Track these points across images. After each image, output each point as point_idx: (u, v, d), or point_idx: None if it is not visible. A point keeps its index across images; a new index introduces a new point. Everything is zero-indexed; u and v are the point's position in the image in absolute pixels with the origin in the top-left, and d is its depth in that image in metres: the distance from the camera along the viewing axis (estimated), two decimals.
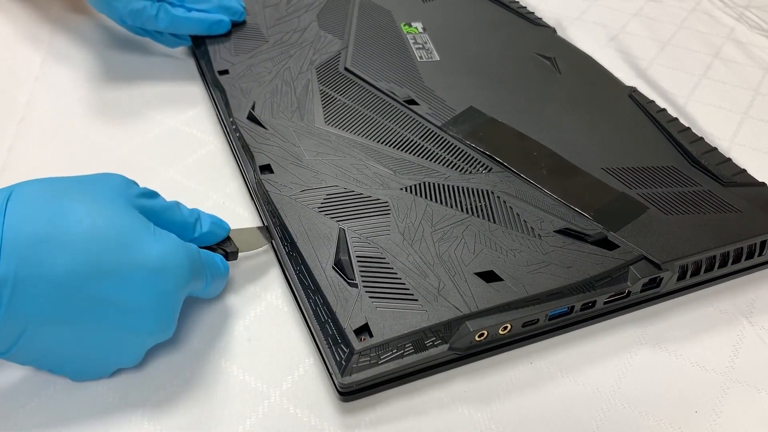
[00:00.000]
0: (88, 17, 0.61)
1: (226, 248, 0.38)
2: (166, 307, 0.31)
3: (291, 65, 0.51)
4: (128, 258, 0.30)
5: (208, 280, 0.35)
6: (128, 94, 0.53)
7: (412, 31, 0.57)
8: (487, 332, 0.34)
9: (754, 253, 0.40)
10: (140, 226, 0.31)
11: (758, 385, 0.36)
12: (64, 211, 0.29)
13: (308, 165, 0.42)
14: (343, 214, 0.39)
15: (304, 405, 0.34)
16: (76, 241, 0.29)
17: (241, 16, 0.56)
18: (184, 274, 0.32)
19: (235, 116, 0.46)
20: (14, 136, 0.48)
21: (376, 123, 0.46)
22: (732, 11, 0.70)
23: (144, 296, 0.30)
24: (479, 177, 0.42)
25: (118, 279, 0.29)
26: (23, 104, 0.51)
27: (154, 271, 0.30)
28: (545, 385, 0.35)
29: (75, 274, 0.28)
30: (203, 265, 0.34)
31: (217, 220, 0.38)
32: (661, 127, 0.48)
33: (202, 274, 0.34)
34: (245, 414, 0.33)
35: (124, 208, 0.31)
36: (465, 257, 0.37)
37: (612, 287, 0.37)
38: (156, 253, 0.31)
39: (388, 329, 0.33)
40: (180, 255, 0.32)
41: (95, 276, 0.29)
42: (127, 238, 0.30)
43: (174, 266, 0.31)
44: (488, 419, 0.34)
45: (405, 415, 0.33)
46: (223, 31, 0.54)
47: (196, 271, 0.33)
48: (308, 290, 0.35)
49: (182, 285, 0.32)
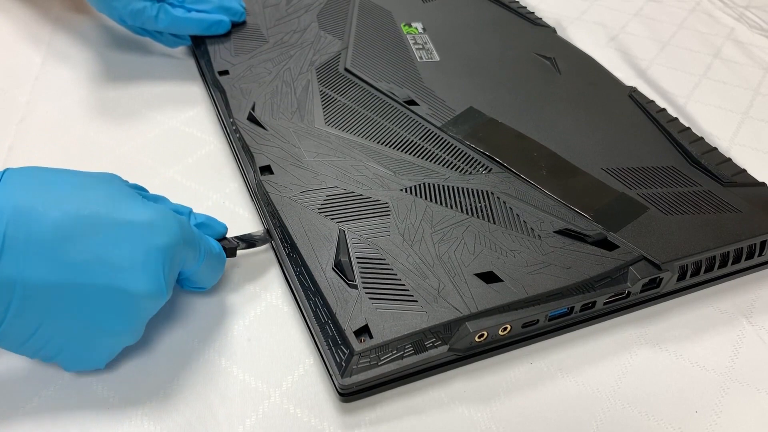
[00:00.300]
0: (88, 17, 0.61)
1: (223, 244, 0.38)
2: (156, 264, 0.31)
3: (291, 66, 0.51)
4: (116, 214, 0.30)
5: (201, 253, 0.34)
6: (128, 94, 0.53)
7: (412, 31, 0.57)
8: (486, 333, 0.34)
9: (754, 253, 0.40)
10: (130, 193, 0.32)
11: (758, 385, 0.36)
12: (54, 178, 0.30)
13: (308, 166, 0.42)
14: (343, 215, 0.39)
15: (304, 405, 0.34)
16: (65, 199, 0.29)
17: (241, 16, 0.56)
18: (173, 233, 0.32)
19: (236, 117, 0.46)
20: (14, 136, 0.48)
21: (376, 124, 0.46)
22: (732, 11, 0.70)
23: (133, 251, 0.30)
24: (479, 178, 0.42)
25: (106, 234, 0.30)
26: (23, 104, 0.52)
27: (143, 226, 0.31)
28: (545, 385, 0.35)
29: (63, 229, 0.29)
30: (195, 237, 0.34)
31: (213, 218, 0.38)
32: (661, 127, 0.48)
33: (194, 244, 0.34)
34: (245, 414, 0.33)
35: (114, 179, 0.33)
36: (465, 258, 0.37)
37: (612, 288, 0.37)
38: (145, 212, 0.31)
39: (388, 330, 0.33)
40: (169, 217, 0.32)
41: (84, 232, 0.29)
42: (116, 198, 0.31)
43: (163, 225, 0.31)
44: (488, 419, 0.34)
45: (404, 415, 0.33)
46: (222, 31, 0.54)
47: (188, 238, 0.33)
48: (308, 291, 0.35)
49: (172, 244, 0.31)
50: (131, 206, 0.31)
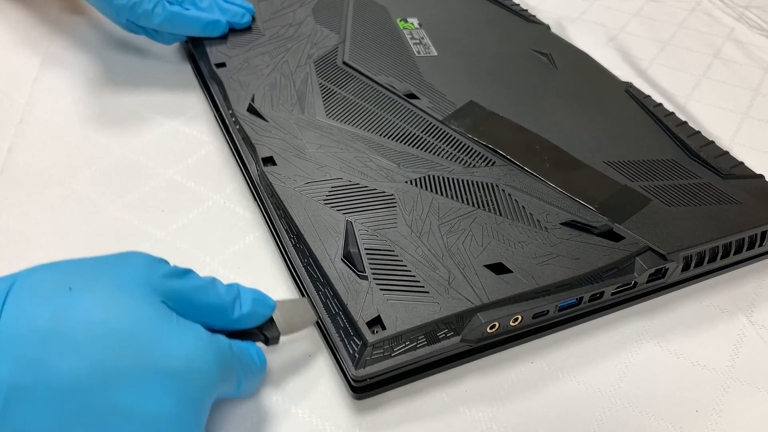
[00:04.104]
0: (86, 19, 0.60)
1: (266, 333, 0.32)
2: (188, 416, 0.26)
3: (289, 59, 0.51)
4: (144, 360, 0.25)
5: (240, 381, 0.30)
6: (127, 95, 0.52)
7: (408, 26, 0.57)
8: (498, 324, 0.34)
9: (755, 243, 0.41)
10: (161, 319, 0.27)
11: (759, 384, 0.36)
12: (71, 305, 0.25)
13: (311, 157, 0.41)
14: (349, 206, 0.38)
15: (314, 405, 0.33)
16: (84, 340, 0.25)
17: (243, 17, 0.53)
18: (210, 378, 0.27)
19: (235, 108, 0.45)
20: (13, 138, 0.47)
21: (378, 116, 0.46)
22: (732, 11, 0.70)
23: (163, 405, 0.25)
24: (483, 170, 0.42)
25: (133, 385, 0.25)
26: (22, 105, 0.50)
27: (175, 376, 0.26)
28: (546, 384, 0.35)
29: (82, 379, 0.24)
30: (235, 364, 0.29)
31: (260, 295, 0.32)
32: (658, 121, 0.48)
33: (233, 374, 0.29)
34: (246, 416, 0.32)
35: (143, 298, 0.27)
36: (473, 249, 0.36)
37: (619, 278, 0.37)
38: (178, 353, 0.26)
39: (401, 321, 0.32)
40: (207, 354, 0.27)
41: (106, 382, 0.24)
42: (144, 336, 0.26)
43: (199, 369, 0.27)
44: (489, 419, 0.33)
45: (407, 415, 0.33)
46: (218, 33, 0.52)
47: (226, 372, 0.28)
48: (317, 283, 0.35)
49: (208, 391, 0.27)
50: (162, 343, 0.26)
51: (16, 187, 0.43)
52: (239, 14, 0.53)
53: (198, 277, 0.30)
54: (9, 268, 0.32)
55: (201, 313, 0.29)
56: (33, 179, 0.44)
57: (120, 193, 0.44)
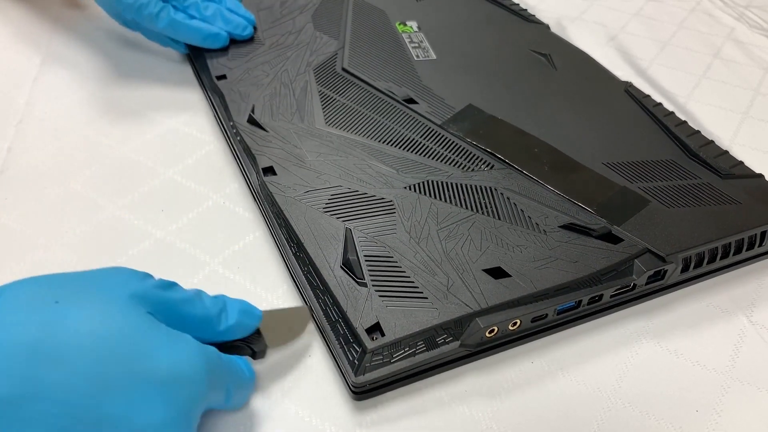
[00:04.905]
0: (87, 18, 0.61)
1: (253, 346, 0.32)
2: (179, 423, 0.27)
3: (288, 67, 0.51)
4: (134, 369, 0.26)
5: (230, 391, 0.30)
6: (127, 95, 0.52)
7: (407, 30, 0.57)
8: (497, 328, 0.34)
9: (755, 243, 0.40)
10: (148, 328, 0.27)
11: (759, 384, 0.36)
12: (58, 318, 0.25)
13: (311, 166, 0.42)
14: (349, 213, 0.39)
15: (314, 404, 0.33)
16: (73, 352, 0.25)
17: (245, 29, 0.54)
18: (200, 385, 0.28)
19: (235, 120, 0.46)
20: (13, 137, 0.48)
21: (377, 122, 0.46)
22: (732, 11, 0.70)
23: (154, 413, 0.26)
24: (482, 174, 0.42)
25: (123, 395, 0.25)
26: (22, 105, 0.51)
27: (165, 384, 0.26)
28: (546, 384, 0.35)
29: (72, 391, 0.24)
30: (224, 372, 0.30)
31: (247, 306, 0.32)
32: (658, 121, 0.48)
33: (223, 383, 0.30)
34: (246, 416, 0.33)
35: (131, 309, 0.27)
36: (472, 254, 0.37)
37: (618, 281, 0.37)
38: (167, 361, 0.27)
39: (400, 328, 0.33)
40: (195, 361, 0.28)
41: (96, 393, 0.25)
42: (133, 346, 0.26)
43: (188, 376, 0.27)
44: (489, 419, 0.34)
45: (406, 415, 0.33)
46: (218, 45, 0.53)
47: (215, 379, 0.29)
48: (317, 290, 0.35)
49: (198, 398, 0.28)
50: (151, 352, 0.26)
51: (16, 186, 0.44)
52: (241, 26, 0.54)
53: (183, 289, 0.31)
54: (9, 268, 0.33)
55: (187, 325, 0.29)
56: (33, 179, 0.45)
57: (120, 192, 0.44)
